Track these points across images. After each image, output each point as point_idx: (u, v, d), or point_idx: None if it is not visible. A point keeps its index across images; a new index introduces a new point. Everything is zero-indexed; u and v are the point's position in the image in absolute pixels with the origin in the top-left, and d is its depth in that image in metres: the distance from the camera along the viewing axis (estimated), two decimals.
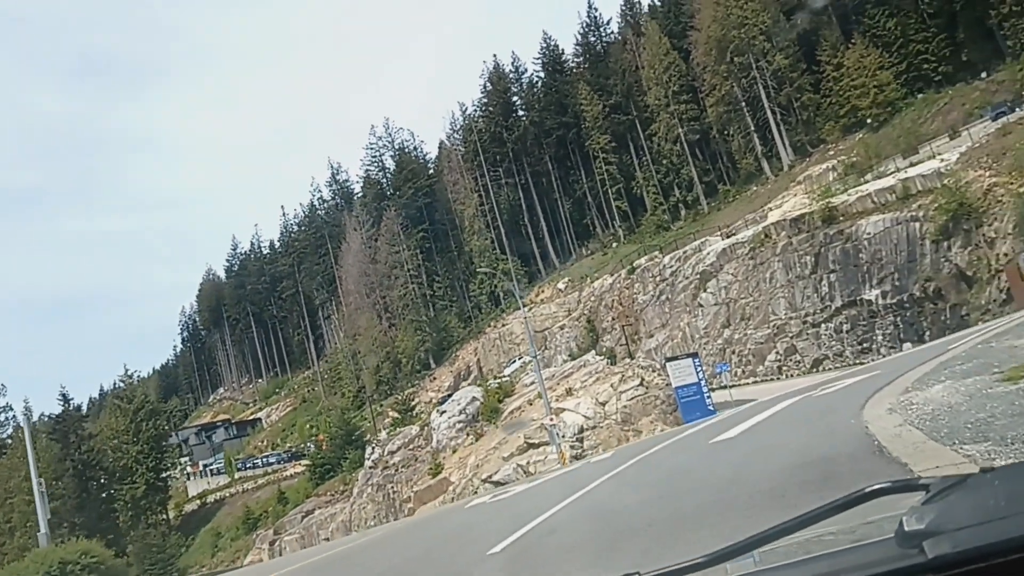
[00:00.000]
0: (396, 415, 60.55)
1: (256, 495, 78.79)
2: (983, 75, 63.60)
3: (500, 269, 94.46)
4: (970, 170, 43.52)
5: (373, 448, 51.30)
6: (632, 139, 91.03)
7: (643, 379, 39.84)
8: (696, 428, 16.89)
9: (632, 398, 38.97)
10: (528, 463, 40.51)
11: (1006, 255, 39.15)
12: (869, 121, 68.01)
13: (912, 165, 49.65)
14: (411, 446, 48.56)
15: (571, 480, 15.76)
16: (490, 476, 41.02)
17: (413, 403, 66.36)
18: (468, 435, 46.62)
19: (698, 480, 9.72)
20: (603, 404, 39.31)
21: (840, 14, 76.62)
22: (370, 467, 49.74)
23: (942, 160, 46.99)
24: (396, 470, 47.82)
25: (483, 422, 46.59)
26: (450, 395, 61.38)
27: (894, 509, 1.30)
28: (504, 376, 71.15)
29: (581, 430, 39.07)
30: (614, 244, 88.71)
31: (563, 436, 39.53)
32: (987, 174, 42.30)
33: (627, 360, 48.55)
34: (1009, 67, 58.77)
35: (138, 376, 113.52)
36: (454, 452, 46.44)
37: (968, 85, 64.24)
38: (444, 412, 48.10)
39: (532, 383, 48.86)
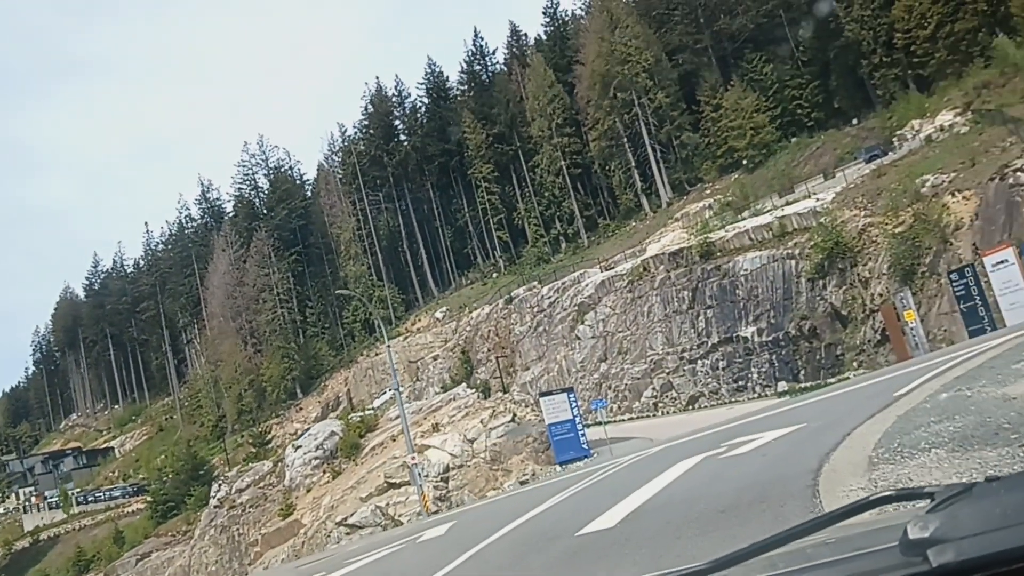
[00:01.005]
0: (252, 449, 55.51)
1: (94, 532, 71.13)
2: (854, 122, 64.71)
3: (376, 296, 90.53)
4: (845, 209, 43.00)
5: (219, 485, 46.26)
6: (515, 170, 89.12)
7: (515, 415, 36.91)
8: (562, 497, 13.08)
9: (503, 435, 35.92)
10: (388, 504, 36.80)
11: (880, 295, 38.42)
12: (745, 162, 68.17)
13: (789, 203, 49.07)
14: (262, 484, 43.97)
15: None
16: (345, 519, 37.05)
17: (270, 436, 61.27)
18: (325, 472, 42.48)
19: None
20: (472, 441, 36.09)
21: (720, 56, 77.23)
22: (215, 506, 44.75)
23: (818, 199, 46.51)
24: (243, 510, 43.07)
25: (342, 458, 42.56)
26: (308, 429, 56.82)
27: (898, 517, 1.29)
28: (372, 408, 67.10)
29: (447, 469, 35.72)
30: (495, 274, 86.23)
31: (427, 476, 36.03)
32: (862, 214, 41.79)
33: (500, 394, 45.59)
34: (880, 115, 59.75)
35: None
36: (308, 491, 42.22)
37: (839, 131, 65.26)
38: (299, 447, 43.76)
39: (398, 416, 45.28)
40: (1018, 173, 32.47)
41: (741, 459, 8.94)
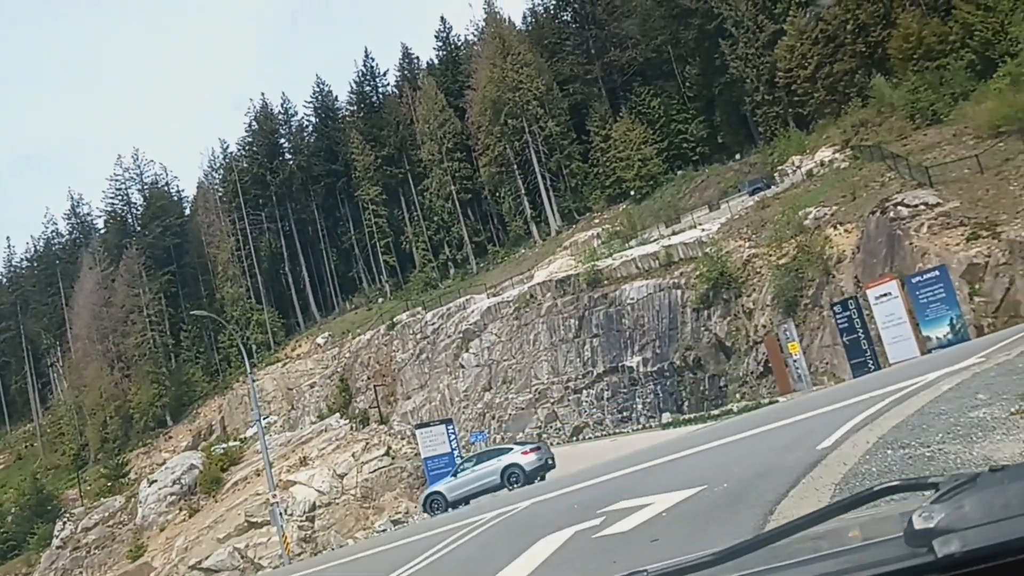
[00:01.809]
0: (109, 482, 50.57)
1: None
2: (737, 157, 65.39)
3: (254, 320, 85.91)
4: (730, 240, 42.47)
5: (64, 523, 41.49)
6: (404, 193, 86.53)
7: (390, 448, 34.20)
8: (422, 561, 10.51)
9: (376, 470, 33.22)
10: (248, 546, 33.46)
11: (764, 326, 37.75)
12: (633, 193, 67.94)
13: (675, 233, 48.41)
14: (111, 521, 39.61)
15: None
16: (200, 562, 33.48)
17: (129, 467, 56.22)
18: (181, 510, 38.57)
19: None
20: (342, 476, 33.23)
21: (609, 88, 77.16)
22: (58, 547, 40.01)
23: (703, 230, 45.97)
24: (88, 551, 38.63)
25: (201, 494, 38.77)
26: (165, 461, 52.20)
27: (903, 508, 1.29)
28: (244, 437, 62.81)
29: (313, 507, 32.72)
30: (380, 299, 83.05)
31: (291, 515, 32.88)
32: (746, 245, 41.29)
33: (374, 426, 42.72)
34: (762, 151, 60.37)
35: None
36: (162, 530, 38.26)
37: (724, 165, 65.81)
38: (155, 481, 39.69)
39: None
40: (898, 207, 32.27)
41: (623, 543, 6.64)
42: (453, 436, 33.32)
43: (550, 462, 26.47)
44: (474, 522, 12.97)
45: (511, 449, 27.27)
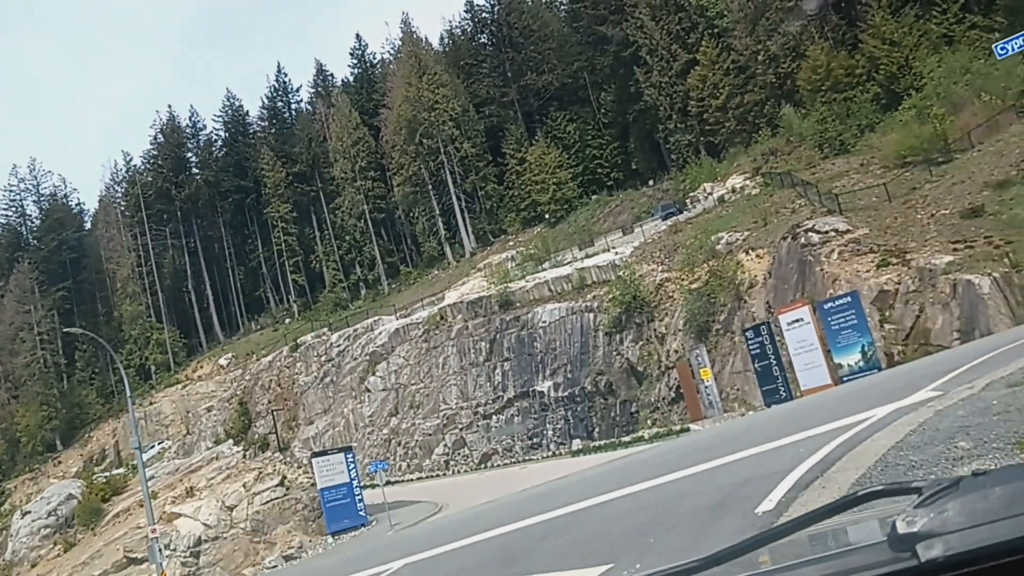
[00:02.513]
0: None
1: None
2: (650, 183, 65.14)
3: (154, 339, 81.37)
4: (644, 264, 41.60)
5: None
6: (315, 211, 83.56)
7: (285, 477, 31.71)
8: None
9: (268, 501, 30.66)
10: None
11: (676, 351, 36.82)
12: (547, 216, 67.00)
13: (589, 256, 47.38)
14: None
15: None
16: None
17: (5, 495, 51.67)
18: (56, 544, 35.11)
19: None
20: (231, 508, 30.53)
21: (526, 112, 76.36)
22: None
23: (617, 253, 45.05)
24: None
25: (79, 526, 35.40)
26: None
27: (887, 512, 1.30)
28: (134, 464, 58.85)
29: (199, 542, 29.94)
30: (287, 320, 79.73)
31: (174, 550, 30.01)
32: (659, 269, 40.47)
33: (269, 453, 39.99)
34: (675, 177, 60.18)
35: None
36: (33, 566, 34.69)
37: (637, 191, 65.45)
38: (28, 512, 36.11)
39: (152, 477, 38.67)
40: (809, 233, 31.81)
41: None
42: (353, 465, 31.14)
43: None
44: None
45: None
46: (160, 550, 26.73)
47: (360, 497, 30.73)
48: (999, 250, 26.38)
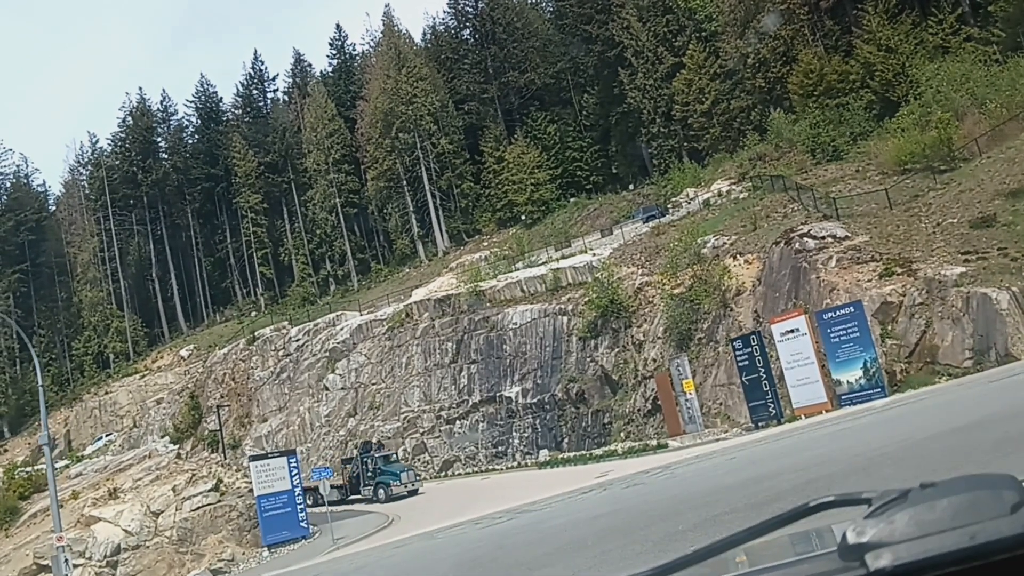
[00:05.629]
0: None
1: None
2: (631, 187, 62.30)
3: (114, 327, 77.00)
4: (623, 266, 38.43)
5: None
6: (286, 203, 79.71)
7: (220, 481, 28.06)
8: None
9: (199, 507, 27.00)
10: None
11: (655, 360, 33.62)
12: (524, 217, 63.83)
13: (565, 257, 44.16)
14: None
15: None
16: None
17: None
18: None
19: None
20: (157, 514, 26.83)
21: (506, 110, 73.10)
22: None
23: (595, 254, 41.86)
24: None
25: None
26: None
27: (838, 523, 1.31)
28: (82, 455, 54.74)
29: (118, 550, 26.18)
30: (254, 312, 75.64)
31: (89, 558, 26.26)
32: (640, 272, 37.32)
33: (207, 453, 36.24)
34: (656, 182, 57.22)
35: None
36: None
37: (617, 195, 62.55)
38: None
39: (78, 475, 34.92)
40: (804, 239, 28.81)
41: None
42: (296, 470, 27.59)
43: None
44: None
45: None
46: (67, 560, 23.01)
47: (302, 506, 27.18)
48: (1016, 263, 23.50)
